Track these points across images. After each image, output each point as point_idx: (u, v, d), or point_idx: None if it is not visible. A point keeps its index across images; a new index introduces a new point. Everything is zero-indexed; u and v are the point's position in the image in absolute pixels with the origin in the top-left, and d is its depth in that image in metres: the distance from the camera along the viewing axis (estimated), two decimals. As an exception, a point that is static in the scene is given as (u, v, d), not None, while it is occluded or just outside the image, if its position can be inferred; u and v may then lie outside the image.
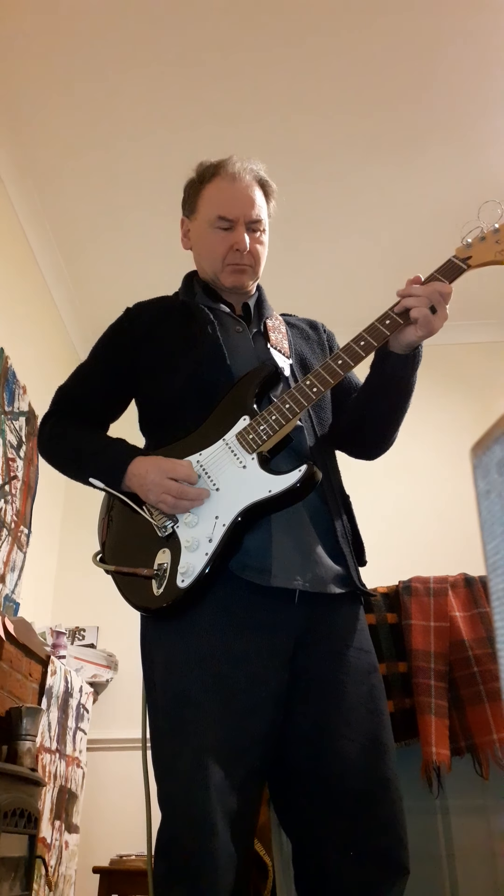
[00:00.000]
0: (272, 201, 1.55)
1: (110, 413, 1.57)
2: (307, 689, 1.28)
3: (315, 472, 1.27)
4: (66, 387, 1.57)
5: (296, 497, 1.28)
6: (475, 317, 4.09)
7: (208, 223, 1.49)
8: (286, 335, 1.53)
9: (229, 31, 2.73)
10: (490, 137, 3.18)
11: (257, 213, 1.49)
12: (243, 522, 1.27)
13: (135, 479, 1.35)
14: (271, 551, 1.30)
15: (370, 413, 1.47)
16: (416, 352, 1.39)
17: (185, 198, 1.57)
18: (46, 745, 2.48)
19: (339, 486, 1.48)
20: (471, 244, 1.36)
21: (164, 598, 1.28)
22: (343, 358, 1.33)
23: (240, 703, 1.22)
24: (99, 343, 1.57)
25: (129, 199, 3.43)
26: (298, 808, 1.28)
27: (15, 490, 3.09)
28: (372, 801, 1.23)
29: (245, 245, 1.48)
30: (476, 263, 1.35)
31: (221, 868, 1.12)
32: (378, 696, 1.32)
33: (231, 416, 1.36)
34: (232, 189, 1.49)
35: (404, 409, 1.46)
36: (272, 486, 1.27)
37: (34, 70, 2.85)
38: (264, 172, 1.54)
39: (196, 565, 1.26)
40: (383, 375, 1.41)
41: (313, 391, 1.32)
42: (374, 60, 2.84)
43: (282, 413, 1.31)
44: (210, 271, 1.53)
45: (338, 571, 1.35)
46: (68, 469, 1.48)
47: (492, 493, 0.60)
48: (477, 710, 1.67)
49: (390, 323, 1.33)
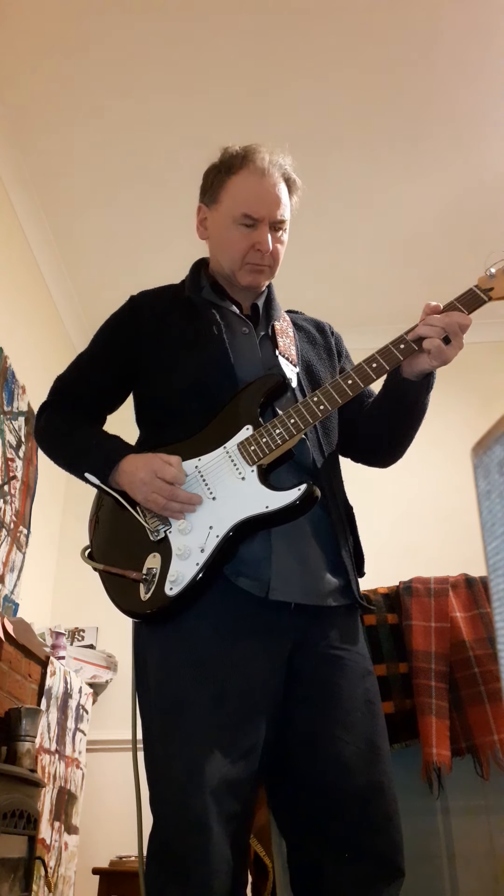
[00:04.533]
0: (295, 197, 1.50)
1: (108, 405, 1.54)
2: (303, 692, 1.27)
3: (314, 491, 1.25)
4: (65, 377, 1.54)
5: (293, 515, 1.26)
6: (476, 316, 4.08)
7: (231, 218, 1.43)
8: (294, 340, 1.50)
9: (229, 30, 2.73)
10: (495, 136, 3.17)
11: (282, 213, 1.44)
12: (236, 535, 1.26)
13: (125, 476, 1.33)
14: (271, 563, 1.28)
15: (384, 431, 1.47)
16: (430, 377, 1.38)
17: (206, 185, 1.49)
18: (46, 746, 2.48)
19: (343, 497, 1.46)
20: (494, 275, 1.32)
21: (151, 604, 1.26)
22: (353, 378, 1.32)
23: (234, 707, 1.21)
24: (100, 332, 1.53)
25: (129, 198, 3.43)
26: (294, 809, 1.28)
27: (14, 490, 3.09)
28: (367, 803, 1.23)
29: (268, 246, 1.43)
30: (498, 296, 1.32)
31: (215, 871, 1.12)
32: (373, 699, 1.31)
33: (234, 423, 1.33)
34: (260, 186, 1.42)
35: (418, 427, 1.46)
36: (270, 502, 1.25)
37: (34, 69, 2.84)
38: (291, 167, 1.48)
39: (186, 574, 1.25)
40: (398, 400, 1.40)
41: (320, 409, 1.30)
42: (377, 59, 2.84)
43: (286, 428, 1.29)
44: (227, 267, 1.47)
45: (337, 584, 1.34)
46: (61, 461, 1.47)
47: (493, 493, 0.59)
48: (477, 710, 1.67)
49: (404, 348, 1.32)
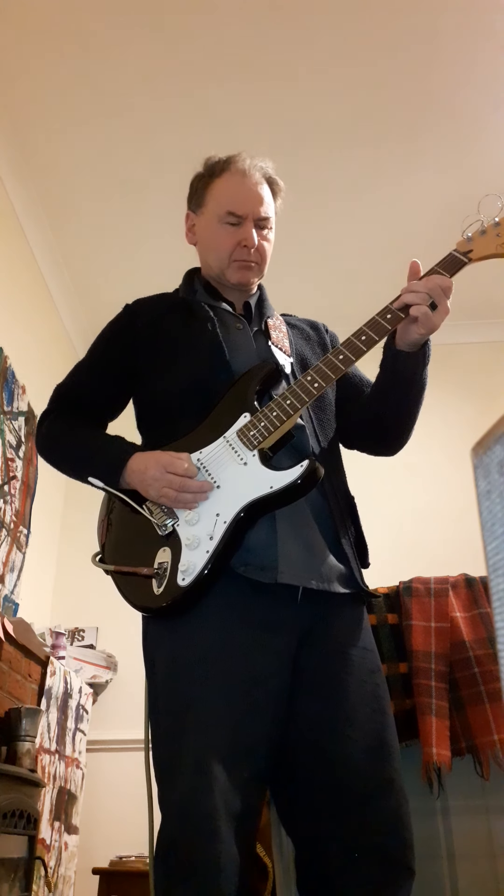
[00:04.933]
0: (279, 199, 1.55)
1: (109, 411, 1.55)
2: (310, 689, 1.27)
3: (317, 468, 1.26)
4: (65, 385, 1.56)
5: (298, 493, 1.27)
6: (476, 316, 4.09)
7: (217, 218, 1.49)
8: (287, 334, 1.53)
9: (229, 29, 2.73)
10: (492, 131, 3.18)
11: (266, 211, 1.49)
12: (245, 519, 1.26)
13: (134, 475, 1.34)
14: (277, 548, 1.29)
15: (386, 411, 1.46)
16: (425, 348, 1.38)
17: (192, 192, 1.56)
18: (46, 746, 2.48)
19: (343, 486, 1.47)
20: (471, 238, 1.36)
21: (165, 597, 1.26)
22: (344, 353, 1.33)
23: (242, 703, 1.21)
24: (98, 340, 1.56)
25: (129, 198, 3.43)
26: (301, 808, 1.27)
27: (14, 490, 3.09)
28: (376, 801, 1.22)
29: (253, 241, 1.47)
30: (477, 257, 1.36)
31: (224, 870, 1.11)
32: (382, 695, 1.31)
33: (232, 413, 1.34)
34: (242, 185, 1.48)
35: (419, 404, 1.45)
36: (274, 482, 1.26)
37: (34, 69, 2.84)
38: (272, 170, 1.53)
39: (197, 563, 1.25)
40: (395, 374, 1.40)
41: (314, 386, 1.31)
42: (375, 54, 2.84)
43: (283, 409, 1.30)
44: (216, 267, 1.52)
45: (341, 571, 1.34)
46: (66, 467, 1.47)
47: (493, 493, 0.59)
48: (477, 710, 1.67)
49: (391, 317, 1.33)
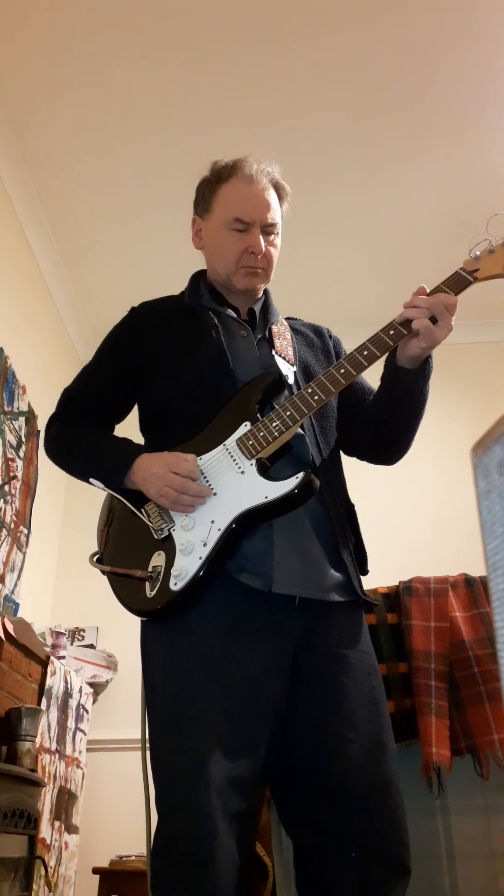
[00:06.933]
0: (285, 204, 1.54)
1: (115, 414, 1.57)
2: (308, 690, 1.28)
3: (312, 480, 1.26)
4: (72, 388, 1.57)
5: (293, 504, 1.27)
6: (475, 317, 4.08)
7: (224, 224, 1.48)
8: (291, 342, 1.53)
9: (231, 31, 2.73)
10: (492, 137, 3.18)
11: (273, 217, 1.49)
12: (238, 528, 1.27)
13: (139, 472, 1.35)
14: (273, 557, 1.29)
15: (385, 424, 1.48)
16: (426, 364, 1.39)
17: (199, 197, 1.55)
18: (46, 746, 2.48)
19: (343, 495, 1.48)
20: (479, 257, 1.36)
21: (157, 600, 1.27)
22: (346, 367, 1.34)
23: (240, 704, 1.21)
24: (104, 344, 1.57)
25: (130, 198, 3.43)
26: (300, 808, 1.28)
27: (14, 490, 3.09)
28: (373, 802, 1.23)
29: (261, 248, 1.47)
30: (483, 276, 1.36)
31: (221, 869, 1.12)
32: (379, 697, 1.32)
33: (233, 421, 1.35)
34: (249, 191, 1.47)
35: (419, 418, 1.47)
36: (269, 492, 1.26)
37: (35, 70, 2.84)
38: (279, 175, 1.52)
39: (189, 568, 1.26)
40: (394, 390, 1.41)
41: (314, 399, 1.32)
42: (375, 60, 2.84)
43: (282, 420, 1.31)
44: (223, 272, 1.52)
45: (339, 580, 1.35)
46: (75, 469, 1.49)
47: (492, 493, 0.59)
48: (477, 710, 1.67)
49: (394, 333, 1.34)
